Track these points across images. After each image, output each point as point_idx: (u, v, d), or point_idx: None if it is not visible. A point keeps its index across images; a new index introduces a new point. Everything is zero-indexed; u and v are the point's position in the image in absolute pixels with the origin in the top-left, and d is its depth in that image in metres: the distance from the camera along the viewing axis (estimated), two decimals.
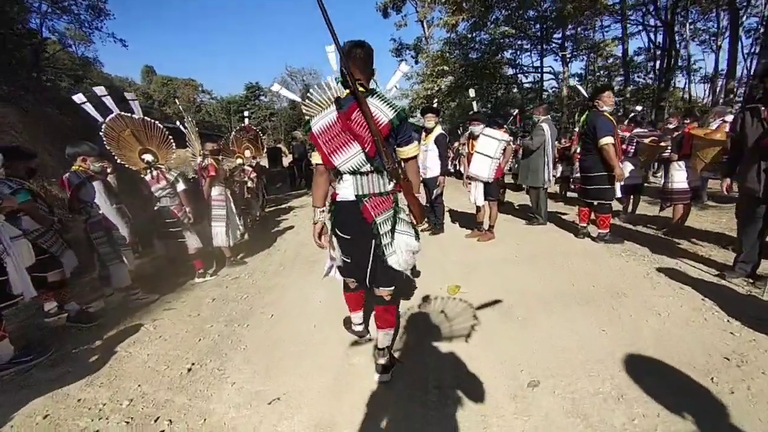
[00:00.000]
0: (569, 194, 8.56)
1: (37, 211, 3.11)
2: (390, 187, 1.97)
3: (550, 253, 4.44)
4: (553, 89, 24.54)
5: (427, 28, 26.09)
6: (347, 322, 2.77)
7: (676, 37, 18.05)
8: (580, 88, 10.19)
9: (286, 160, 26.26)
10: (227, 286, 4.17)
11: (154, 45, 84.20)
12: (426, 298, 3.34)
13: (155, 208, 4.09)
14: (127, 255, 3.50)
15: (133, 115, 3.64)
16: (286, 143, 38.37)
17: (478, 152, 4.79)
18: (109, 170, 3.40)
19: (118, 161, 3.86)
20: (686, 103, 20.94)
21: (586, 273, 3.76)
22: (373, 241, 1.99)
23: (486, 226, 5.27)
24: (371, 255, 2.04)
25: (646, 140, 5.42)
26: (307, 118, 2.12)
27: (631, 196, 6.02)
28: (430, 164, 5.39)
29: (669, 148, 5.13)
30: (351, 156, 1.86)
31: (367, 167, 1.87)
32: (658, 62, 20.47)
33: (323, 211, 2.16)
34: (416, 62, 27.87)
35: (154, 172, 3.97)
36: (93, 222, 3.37)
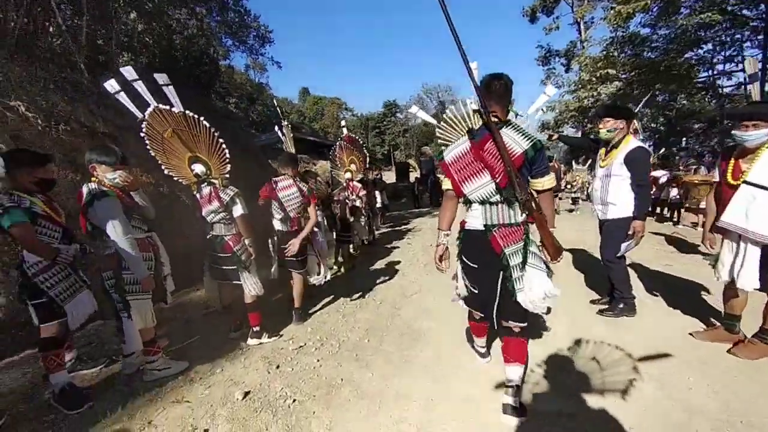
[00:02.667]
0: None
1: (29, 239, 2.22)
2: (521, 218, 1.91)
3: None
4: None
5: (585, 29, 22.13)
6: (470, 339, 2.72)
7: None
8: None
9: (414, 175, 25.63)
10: (282, 365, 2.79)
11: (311, 67, 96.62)
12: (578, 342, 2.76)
13: (207, 236, 3.02)
14: (142, 306, 2.41)
15: (173, 108, 2.60)
16: (416, 159, 38.30)
17: (755, 184, 2.34)
18: (121, 181, 2.35)
19: (166, 172, 2.92)
20: None
21: None
22: (501, 272, 1.93)
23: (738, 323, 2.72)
24: (498, 287, 1.97)
25: None
26: (440, 141, 2.58)
27: None
28: (615, 197, 3.13)
29: None
30: (481, 185, 1.89)
31: (497, 197, 1.87)
32: None
33: (447, 234, 2.14)
34: (567, 70, 24.07)
35: (205, 189, 2.90)
36: (106, 256, 2.38)
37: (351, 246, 5.88)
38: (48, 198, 2.42)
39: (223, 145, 2.66)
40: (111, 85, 2.56)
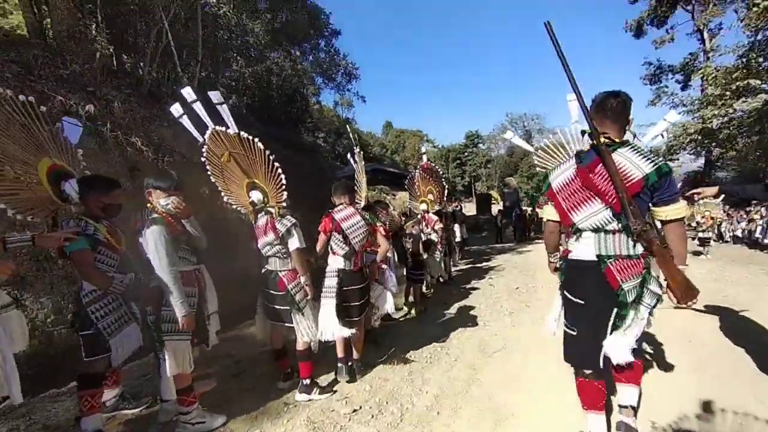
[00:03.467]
0: None
1: (87, 266, 2.16)
2: (640, 249, 1.72)
3: None
4: None
5: (709, 38, 19.14)
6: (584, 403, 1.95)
7: None
8: None
9: (496, 208, 24.25)
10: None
11: (394, 101, 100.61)
12: None
13: (262, 271, 2.75)
14: (178, 348, 2.15)
15: (228, 130, 2.42)
16: (499, 190, 36.51)
17: None
18: (173, 207, 2.18)
19: (225, 199, 2.75)
20: None
21: None
22: (615, 310, 1.75)
23: None
24: (609, 328, 1.76)
25: None
26: (538, 169, 2.79)
27: None
28: None
29: None
30: (593, 212, 1.75)
31: (614, 225, 1.72)
32: None
33: (555, 255, 2.06)
34: (684, 87, 20.97)
35: (262, 219, 2.65)
36: (151, 288, 2.20)
37: (423, 285, 5.30)
38: (112, 224, 2.37)
39: (279, 170, 2.39)
40: (176, 109, 2.50)
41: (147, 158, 6.44)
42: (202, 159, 2.57)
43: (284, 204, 2.57)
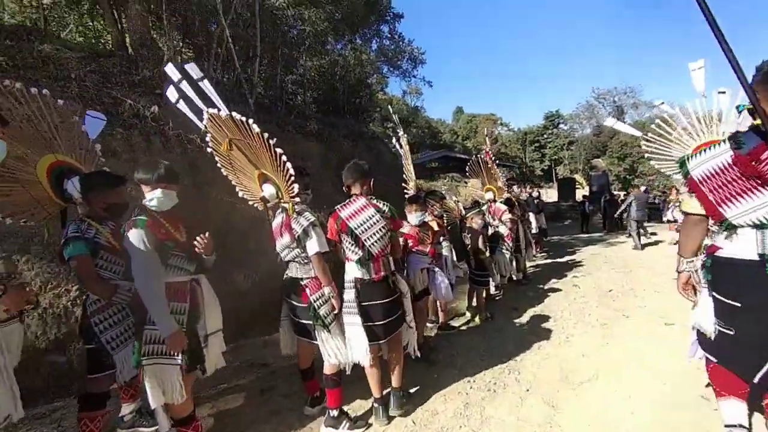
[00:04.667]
0: None
1: (86, 273, 1.93)
2: None
3: None
4: None
5: None
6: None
7: None
8: None
9: (581, 193, 21.75)
10: None
11: (465, 87, 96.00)
12: None
13: (284, 277, 2.34)
14: (163, 374, 1.79)
15: (221, 112, 1.99)
16: (584, 174, 32.73)
17: None
18: (158, 203, 1.84)
19: (240, 195, 2.37)
20: None
21: None
22: None
23: None
24: None
25: None
26: (647, 156, 2.44)
27: None
28: None
29: None
30: (757, 206, 1.50)
31: None
32: None
33: (691, 262, 1.83)
34: None
35: (278, 218, 2.22)
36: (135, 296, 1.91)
37: (489, 288, 4.56)
38: (117, 226, 2.13)
39: (284, 158, 1.92)
40: (171, 93, 2.15)
41: (206, 155, 6.62)
42: (209, 150, 2.22)
43: (298, 200, 2.10)
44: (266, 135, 1.92)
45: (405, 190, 3.97)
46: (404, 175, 3.86)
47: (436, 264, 3.42)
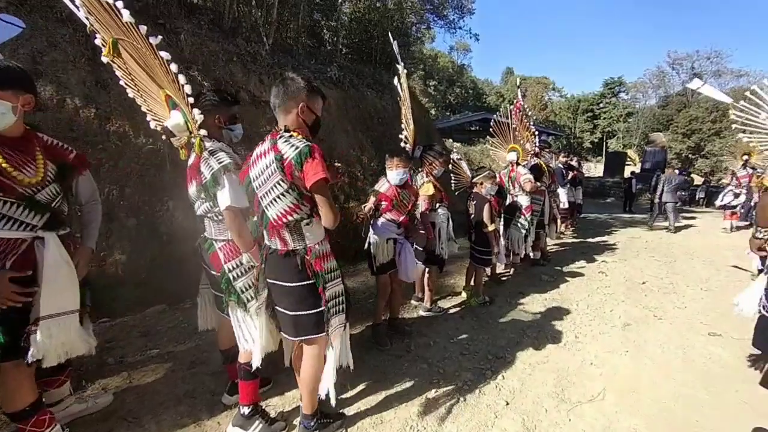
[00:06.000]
0: None
1: None
2: None
3: None
4: None
5: None
6: None
7: None
8: None
9: (630, 170, 19.77)
10: None
11: (516, 48, 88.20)
12: None
13: (199, 238, 1.85)
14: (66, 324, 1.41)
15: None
16: (638, 149, 29.63)
17: None
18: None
19: (152, 125, 1.83)
20: None
21: None
22: None
23: None
24: None
25: None
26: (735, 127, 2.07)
27: None
28: None
29: None
30: None
31: None
32: None
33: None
34: None
35: (191, 158, 1.69)
36: None
37: (489, 269, 3.93)
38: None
39: (174, 68, 1.34)
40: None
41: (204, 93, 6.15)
42: (103, 58, 1.66)
43: (204, 132, 1.54)
44: (143, 29, 1.34)
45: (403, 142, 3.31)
46: (402, 123, 3.18)
47: (425, 234, 2.83)
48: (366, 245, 2.60)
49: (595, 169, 28.62)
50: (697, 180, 17.78)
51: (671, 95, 34.93)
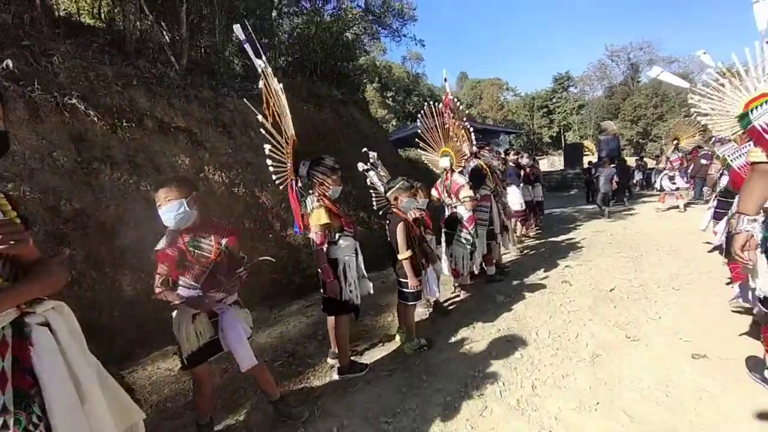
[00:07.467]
0: None
1: None
2: None
3: None
4: None
5: None
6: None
7: None
8: None
9: (588, 160, 20.01)
10: None
11: (468, 52, 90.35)
12: None
13: None
14: None
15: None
16: (594, 139, 30.42)
17: None
18: None
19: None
20: None
21: None
22: None
23: None
24: None
25: None
26: (693, 111, 2.14)
27: None
28: None
29: None
30: None
31: None
32: None
33: (754, 220, 1.69)
34: None
35: None
36: None
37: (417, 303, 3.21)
38: None
39: None
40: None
41: (101, 126, 5.23)
42: None
43: None
44: None
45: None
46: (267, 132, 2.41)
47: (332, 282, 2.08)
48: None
49: (559, 162, 28.99)
50: (651, 164, 18.08)
51: (615, 85, 36.60)
